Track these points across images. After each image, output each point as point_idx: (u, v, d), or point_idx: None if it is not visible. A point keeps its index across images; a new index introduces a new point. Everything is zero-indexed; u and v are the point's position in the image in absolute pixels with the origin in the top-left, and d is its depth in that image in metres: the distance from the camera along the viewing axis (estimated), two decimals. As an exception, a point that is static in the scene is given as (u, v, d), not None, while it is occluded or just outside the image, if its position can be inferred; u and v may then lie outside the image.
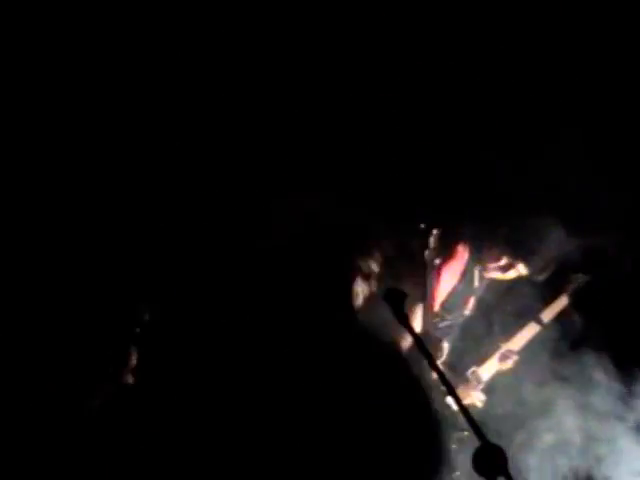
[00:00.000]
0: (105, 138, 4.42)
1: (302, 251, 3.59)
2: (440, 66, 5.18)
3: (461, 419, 2.93)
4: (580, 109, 5.18)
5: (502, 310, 5.29)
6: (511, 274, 5.17)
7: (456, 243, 5.15)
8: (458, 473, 4.67)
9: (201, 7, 4.63)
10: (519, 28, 5.10)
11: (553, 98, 5.25)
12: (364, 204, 4.83)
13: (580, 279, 5.35)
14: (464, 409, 2.97)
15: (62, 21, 4.39)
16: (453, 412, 4.58)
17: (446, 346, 5.09)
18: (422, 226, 4.98)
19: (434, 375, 3.11)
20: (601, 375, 5.04)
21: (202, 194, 4.54)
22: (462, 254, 5.19)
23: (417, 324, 4.98)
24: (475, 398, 5.14)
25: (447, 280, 5.11)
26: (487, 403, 5.13)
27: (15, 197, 4.24)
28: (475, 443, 2.85)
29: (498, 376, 5.27)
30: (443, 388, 3.08)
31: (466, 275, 5.20)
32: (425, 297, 4.95)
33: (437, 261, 4.97)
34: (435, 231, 4.92)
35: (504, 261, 5.15)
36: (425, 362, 3.08)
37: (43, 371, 3.78)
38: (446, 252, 5.06)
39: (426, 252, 4.91)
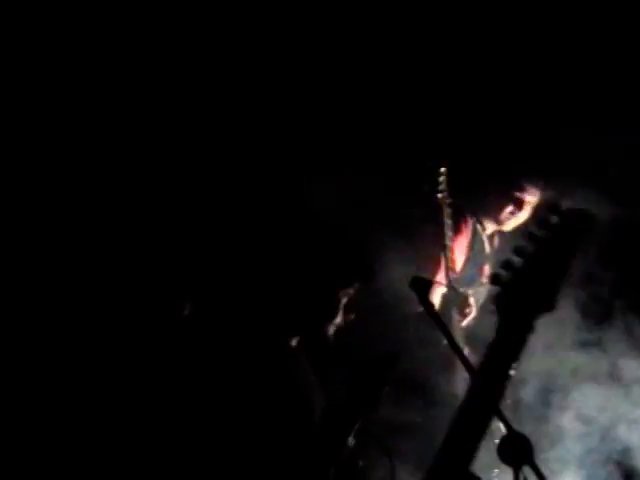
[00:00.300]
0: (106, 138, 4.43)
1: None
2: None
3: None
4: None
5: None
6: (525, 212, 5.12)
7: (458, 218, 5.12)
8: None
9: (201, 7, 4.61)
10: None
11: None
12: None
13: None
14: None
15: (62, 21, 4.39)
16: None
17: (473, 301, 5.08)
18: (428, 164, 4.95)
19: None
20: (632, 341, 5.04)
21: (204, 192, 4.55)
22: (466, 226, 5.16)
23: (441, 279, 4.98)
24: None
25: (458, 257, 5.08)
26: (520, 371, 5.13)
27: (17, 199, 4.25)
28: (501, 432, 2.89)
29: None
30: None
31: (474, 245, 5.17)
32: (445, 244, 4.94)
33: (449, 201, 4.96)
34: (443, 169, 4.90)
35: (513, 203, 5.12)
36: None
37: (44, 370, 3.83)
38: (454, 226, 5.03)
39: (438, 195, 4.90)
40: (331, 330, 3.61)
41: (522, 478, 2.80)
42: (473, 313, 5.09)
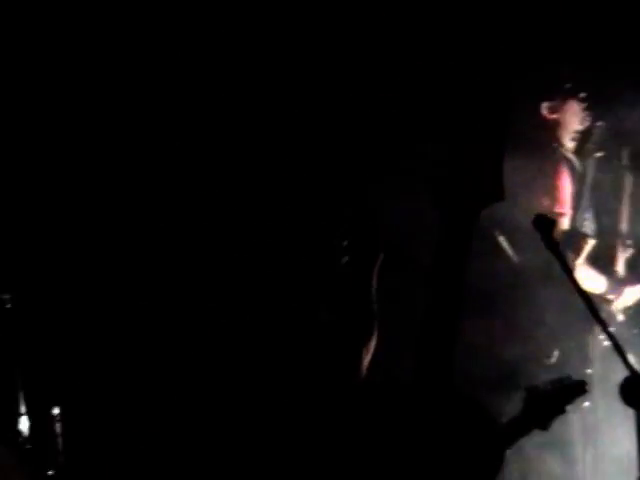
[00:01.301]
0: (106, 138, 4.43)
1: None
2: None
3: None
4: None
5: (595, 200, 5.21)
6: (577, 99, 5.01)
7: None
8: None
9: (200, 7, 4.55)
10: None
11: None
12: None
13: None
14: (612, 337, 3.02)
15: (62, 21, 4.37)
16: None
17: (591, 242, 5.06)
18: None
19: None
20: None
21: (203, 193, 4.53)
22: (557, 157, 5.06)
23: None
24: (636, 294, 5.15)
25: (564, 191, 5.03)
26: None
27: (17, 199, 4.30)
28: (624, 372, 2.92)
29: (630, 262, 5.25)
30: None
31: (569, 169, 5.09)
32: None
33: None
34: None
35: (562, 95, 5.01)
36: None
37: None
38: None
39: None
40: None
41: (644, 419, 2.84)
42: (583, 255, 5.05)
